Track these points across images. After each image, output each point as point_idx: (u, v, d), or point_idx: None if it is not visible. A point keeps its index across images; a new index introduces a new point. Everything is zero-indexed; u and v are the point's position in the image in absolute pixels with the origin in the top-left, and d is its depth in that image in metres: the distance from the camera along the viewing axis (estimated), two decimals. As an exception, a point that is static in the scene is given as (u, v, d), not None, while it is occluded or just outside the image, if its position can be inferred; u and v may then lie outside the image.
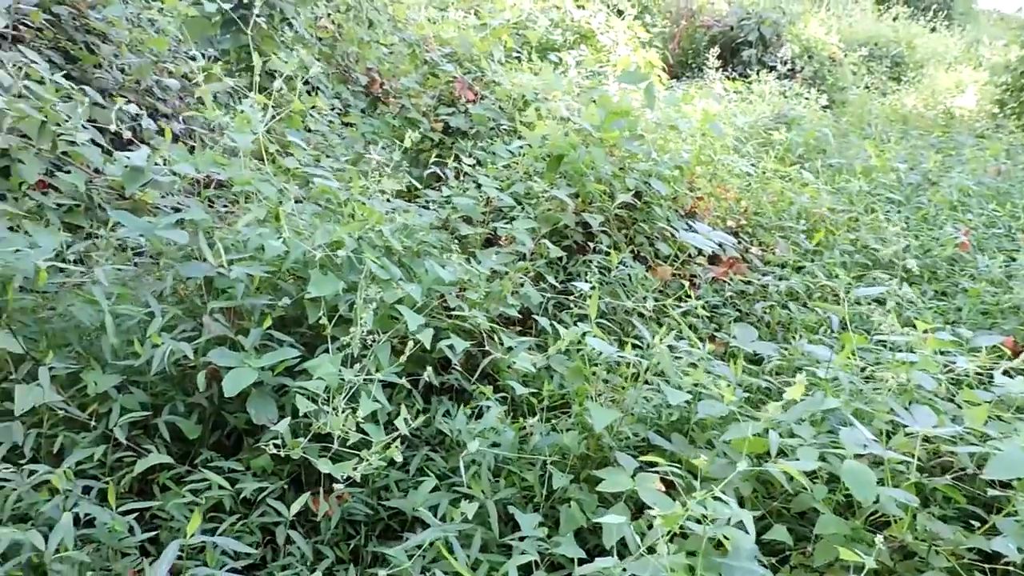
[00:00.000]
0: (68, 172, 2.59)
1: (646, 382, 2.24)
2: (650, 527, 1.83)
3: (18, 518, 1.92)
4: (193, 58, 4.19)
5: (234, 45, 4.25)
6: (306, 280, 2.39)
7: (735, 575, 1.31)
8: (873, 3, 17.86)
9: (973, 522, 1.75)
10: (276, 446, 2.00)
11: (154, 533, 2.01)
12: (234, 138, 2.48)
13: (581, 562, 1.65)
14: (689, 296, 2.85)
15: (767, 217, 4.31)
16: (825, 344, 2.79)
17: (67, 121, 2.55)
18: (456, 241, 3.25)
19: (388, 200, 2.95)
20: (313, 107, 4.20)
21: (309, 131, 4.30)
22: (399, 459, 1.84)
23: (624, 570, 1.46)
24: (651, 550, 1.41)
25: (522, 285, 2.80)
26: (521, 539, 1.87)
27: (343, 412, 2.01)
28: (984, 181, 5.62)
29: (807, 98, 8.85)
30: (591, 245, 3.35)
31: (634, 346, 2.32)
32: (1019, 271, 3.39)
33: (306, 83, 4.96)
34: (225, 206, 3.10)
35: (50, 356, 2.06)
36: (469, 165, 3.54)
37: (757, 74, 10.25)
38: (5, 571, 1.70)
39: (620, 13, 8.68)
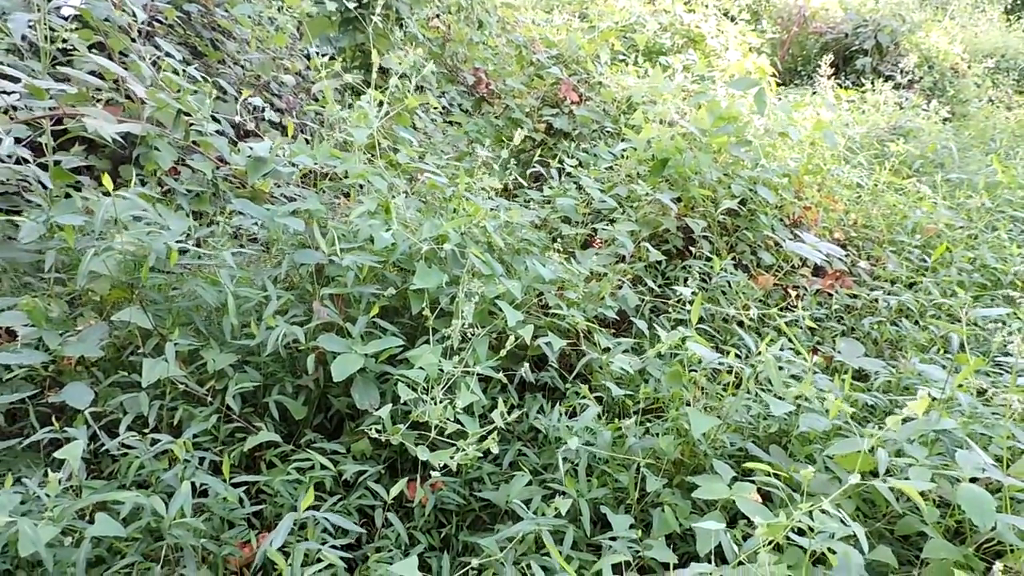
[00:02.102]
0: (195, 161, 2.77)
1: (747, 391, 2.19)
2: (745, 537, 1.80)
3: (140, 484, 2.06)
4: (308, 56, 4.38)
5: (350, 43, 4.42)
6: (411, 272, 2.46)
7: (839, 591, 1.27)
8: (1002, 13, 16.78)
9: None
10: (377, 431, 2.07)
11: (260, 507, 2.12)
12: (351, 132, 2.58)
13: (674, 567, 1.63)
14: (795, 307, 2.76)
15: (878, 231, 4.12)
16: (938, 364, 2.65)
17: (197, 112, 2.72)
18: (555, 241, 3.27)
19: (490, 198, 3.00)
20: (424, 105, 4.32)
21: (415, 129, 4.43)
22: (495, 450, 1.87)
23: (720, 577, 1.44)
24: (750, 559, 1.39)
25: (620, 287, 2.79)
26: (613, 539, 1.87)
27: (441, 402, 2.06)
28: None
29: (925, 110, 8.41)
30: (691, 251, 3.30)
31: (736, 355, 2.27)
32: None
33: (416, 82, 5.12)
34: (335, 197, 3.24)
35: (176, 333, 2.21)
36: (571, 166, 3.55)
37: (872, 83, 9.81)
38: (128, 534, 1.83)
39: (731, 18, 8.50)
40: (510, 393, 2.51)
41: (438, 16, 4.97)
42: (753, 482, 1.85)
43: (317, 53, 4.24)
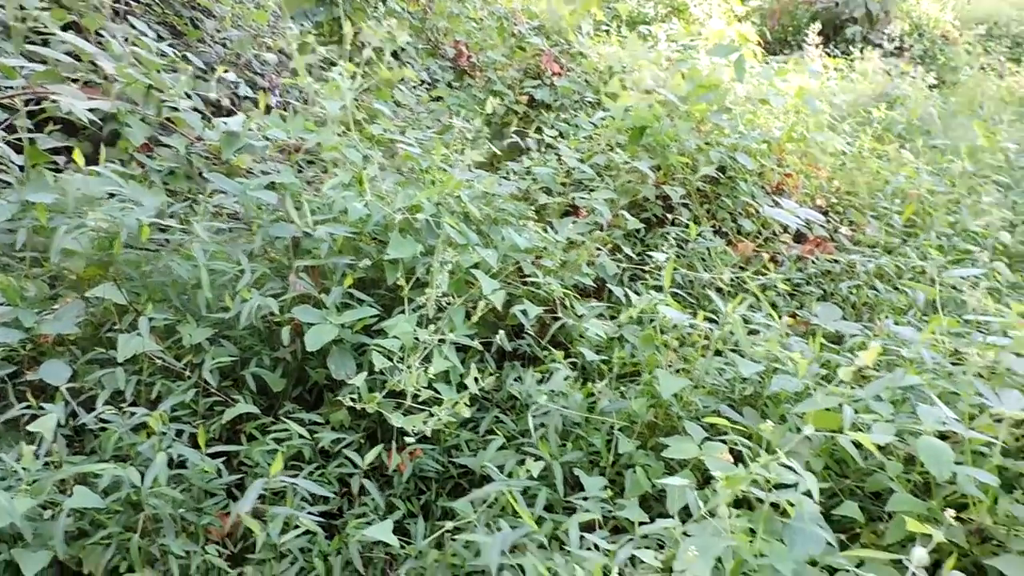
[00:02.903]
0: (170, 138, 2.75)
1: (719, 353, 2.21)
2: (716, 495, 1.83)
3: (119, 458, 2.08)
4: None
5: (328, 17, 4.38)
6: (386, 243, 2.46)
7: (797, 538, 1.30)
8: (995, -22, 16.64)
9: (1061, 509, 1.66)
10: (353, 400, 2.09)
11: (240, 477, 2.14)
12: (324, 105, 2.57)
13: (644, 525, 1.66)
14: (768, 270, 2.78)
15: (860, 197, 4.13)
16: (913, 326, 2.68)
17: (171, 89, 2.71)
18: (535, 211, 3.28)
19: (470, 169, 3.00)
20: (402, 80, 4.29)
21: (399, 105, 4.40)
22: (466, 415, 1.89)
23: (685, 532, 1.47)
24: (712, 514, 1.41)
25: (598, 255, 2.80)
26: (585, 500, 1.90)
27: (416, 370, 2.07)
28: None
29: (913, 77, 8.37)
30: (670, 218, 3.30)
31: (709, 319, 2.29)
32: None
33: (396, 57, 5.08)
34: (315, 175, 3.23)
35: (150, 308, 2.21)
36: (551, 136, 3.54)
37: (861, 52, 9.76)
38: (107, 505, 1.85)
39: (716, -14, 8.42)
40: (487, 361, 2.52)
41: (418, -12, 4.93)
42: (724, 442, 1.88)
43: (299, 29, 4.21)
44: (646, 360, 2.28)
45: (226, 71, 3.39)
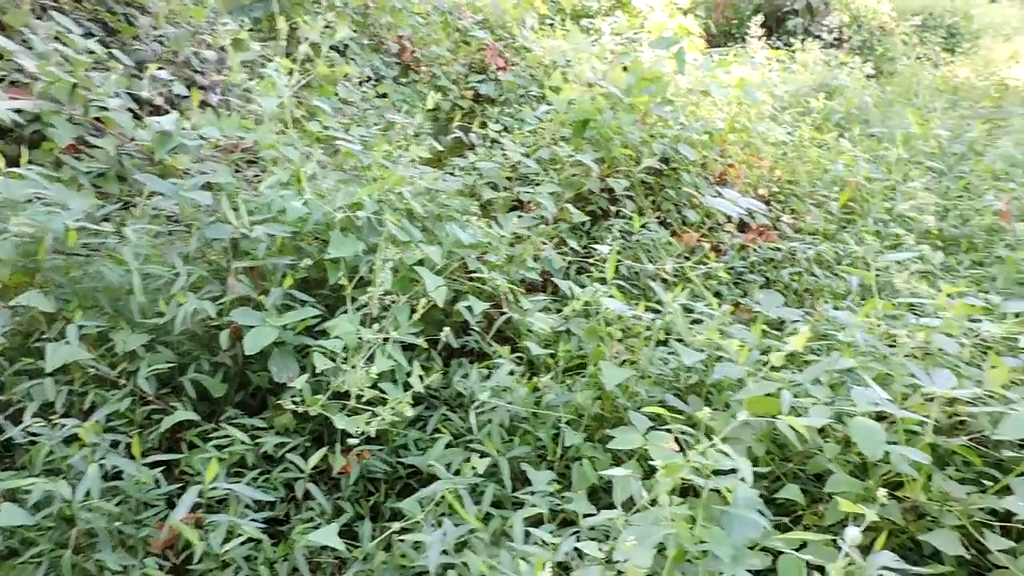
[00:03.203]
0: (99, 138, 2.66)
1: (662, 343, 2.23)
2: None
3: (50, 472, 2.00)
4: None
5: (265, 13, 4.29)
6: (328, 242, 2.42)
7: (735, 523, 1.31)
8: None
9: (988, 483, 1.71)
10: (295, 403, 2.05)
11: (180, 486, 2.08)
12: (260, 102, 2.51)
13: (590, 517, 1.66)
14: (708, 260, 2.81)
15: (801, 185, 4.21)
16: (852, 310, 2.74)
17: (99, 87, 2.61)
18: (481, 207, 3.26)
19: (415, 166, 2.96)
20: (346, 76, 4.22)
21: (345, 102, 4.33)
22: (410, 414, 1.87)
23: (628, 522, 1.47)
24: (654, 503, 1.42)
25: (543, 249, 2.80)
26: (533, 495, 1.89)
27: (360, 370, 2.04)
28: (1033, 151, 5.41)
29: (852, 67, 8.59)
30: (616, 210, 3.32)
31: (653, 309, 2.31)
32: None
33: (342, 54, 4.99)
34: (256, 175, 3.16)
35: (79, 315, 2.13)
36: (496, 131, 3.53)
37: (802, 43, 9.96)
38: (38, 521, 1.78)
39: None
40: (434, 359, 2.50)
41: (360, -17, 4.86)
42: (670, 431, 1.89)
43: (236, 25, 4.10)
44: (592, 352, 2.28)
45: (160, 68, 3.29)
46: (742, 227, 3.83)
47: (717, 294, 3.12)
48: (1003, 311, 2.29)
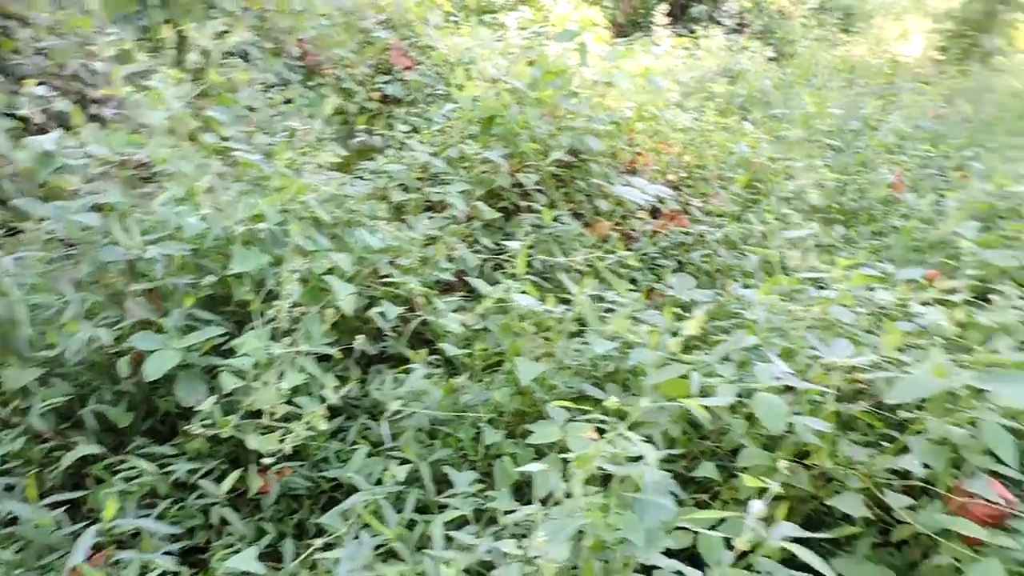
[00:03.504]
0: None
1: (576, 334, 2.24)
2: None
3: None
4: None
5: (155, 21, 4.11)
6: (231, 257, 2.34)
7: (647, 508, 1.33)
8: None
9: (887, 444, 1.79)
10: (205, 426, 1.98)
11: (88, 523, 1.98)
12: (148, 115, 2.41)
13: (510, 514, 1.66)
14: (617, 249, 2.85)
15: (709, 169, 4.32)
16: (765, 289, 2.83)
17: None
18: (396, 209, 3.22)
19: (322, 171, 2.90)
20: (247, 82, 4.10)
21: (252, 109, 4.20)
22: (324, 427, 1.83)
23: (546, 515, 1.47)
24: (569, 495, 1.43)
25: (455, 249, 2.79)
26: (455, 497, 1.88)
27: (271, 387, 1.99)
28: (921, 124, 5.71)
29: (753, 52, 8.86)
30: (528, 205, 3.33)
31: (566, 301, 2.32)
32: (947, 208, 3.46)
33: (247, 60, 4.84)
34: (152, 191, 3.03)
35: (-39, 352, 2.00)
36: (404, 132, 3.49)
37: (705, 30, 10.22)
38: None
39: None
40: (350, 368, 2.46)
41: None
42: (589, 421, 1.91)
43: (123, 35, 3.92)
44: (509, 349, 2.28)
45: (42, 83, 3.13)
46: (655, 214, 3.90)
47: (633, 280, 3.17)
48: (897, 278, 2.40)
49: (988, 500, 1.53)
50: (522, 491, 2.12)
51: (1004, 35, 11.93)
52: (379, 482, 1.95)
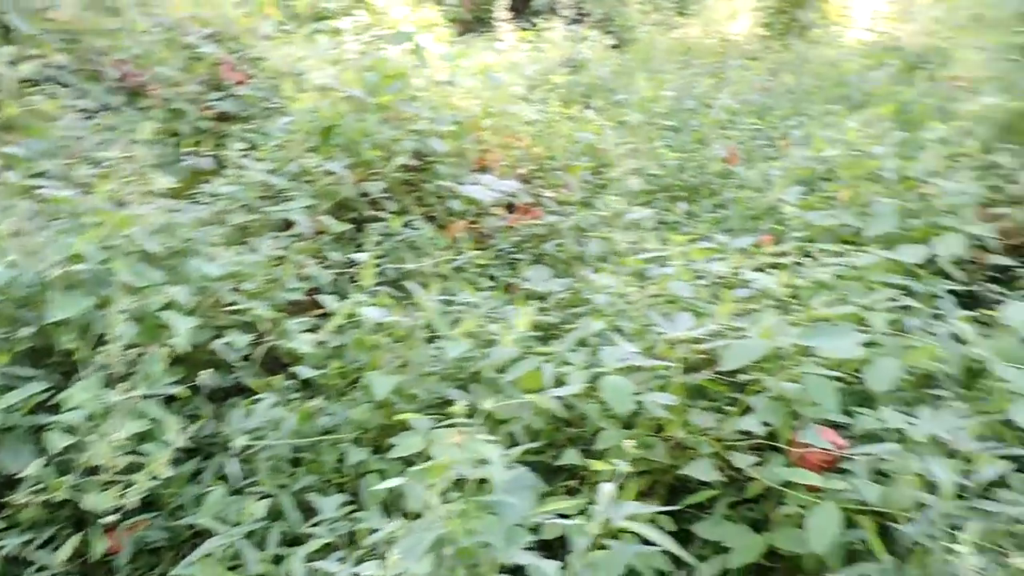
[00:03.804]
0: None
1: (431, 340, 2.22)
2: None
3: None
4: None
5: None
6: (48, 304, 2.15)
7: (504, 508, 1.33)
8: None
9: (732, 408, 1.88)
10: (34, 493, 1.80)
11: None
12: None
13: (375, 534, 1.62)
14: (468, 249, 2.85)
15: (558, 159, 4.40)
16: (615, 272, 2.91)
17: None
18: (242, 230, 3.06)
19: (152, 200, 2.71)
20: (61, 111, 3.78)
21: (78, 139, 3.88)
22: (168, 474, 1.71)
23: (410, 529, 1.45)
24: (426, 505, 1.40)
25: (305, 267, 2.69)
26: (321, 524, 1.82)
27: (106, 439, 1.84)
28: (749, 99, 6.09)
29: (593, 40, 9.14)
30: (376, 214, 3.27)
31: (420, 308, 2.29)
32: (775, 177, 3.70)
33: (63, 86, 4.46)
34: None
35: None
36: (240, 150, 3.33)
37: (547, 22, 10.43)
38: None
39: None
40: (200, 406, 2.32)
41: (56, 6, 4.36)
42: (453, 426, 1.89)
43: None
44: (368, 364, 2.23)
45: None
46: (512, 209, 3.93)
47: (492, 278, 3.18)
48: (731, 247, 2.54)
49: (821, 448, 1.64)
50: (394, 507, 2.08)
51: (817, 9, 12.92)
52: (238, 523, 1.85)
